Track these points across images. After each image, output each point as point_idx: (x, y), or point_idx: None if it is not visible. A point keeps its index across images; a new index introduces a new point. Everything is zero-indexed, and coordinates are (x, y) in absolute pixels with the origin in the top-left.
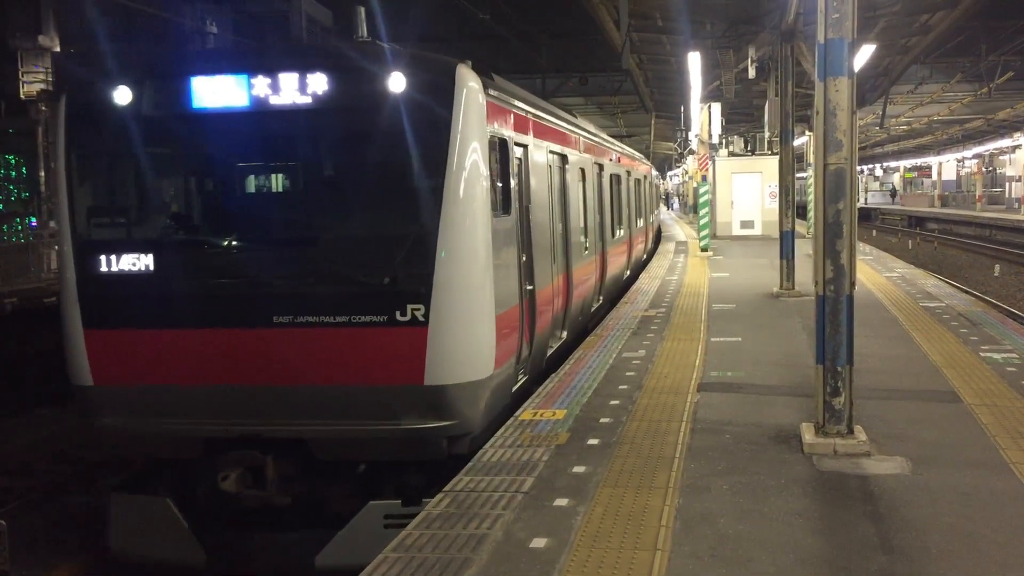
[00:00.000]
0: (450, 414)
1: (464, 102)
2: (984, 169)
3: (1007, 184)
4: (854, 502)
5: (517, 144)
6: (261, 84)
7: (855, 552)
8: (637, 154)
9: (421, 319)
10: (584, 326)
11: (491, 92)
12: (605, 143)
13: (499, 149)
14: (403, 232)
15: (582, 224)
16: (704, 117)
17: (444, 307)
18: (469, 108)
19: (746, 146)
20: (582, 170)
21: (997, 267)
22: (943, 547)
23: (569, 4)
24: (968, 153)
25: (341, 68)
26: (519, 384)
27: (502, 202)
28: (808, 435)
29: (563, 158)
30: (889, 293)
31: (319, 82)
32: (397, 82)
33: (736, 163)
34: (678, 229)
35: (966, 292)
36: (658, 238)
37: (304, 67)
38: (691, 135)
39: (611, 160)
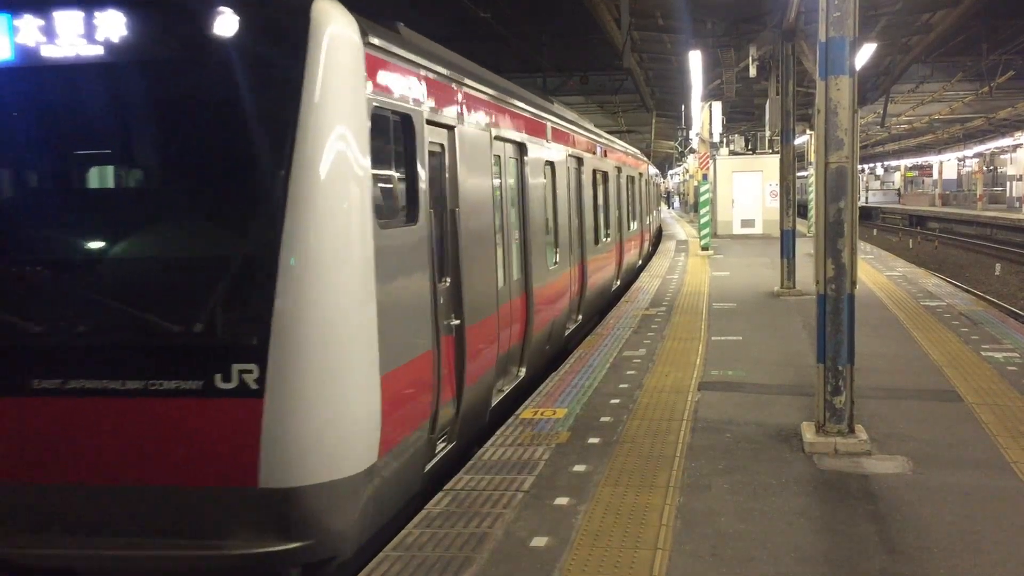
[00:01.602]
0: (302, 531)
1: (325, 54)
2: (985, 168)
3: (1008, 183)
4: (855, 501)
5: (436, 124)
6: (29, 27)
7: (856, 551)
8: (631, 149)
9: (253, 386)
10: (555, 353)
11: (376, 42)
12: (587, 134)
13: (398, 129)
14: (225, 252)
15: (551, 231)
16: (705, 116)
17: (291, 368)
18: (333, 64)
19: (747, 145)
20: (550, 164)
21: (998, 266)
22: (944, 546)
23: (570, 3)
24: (969, 152)
25: (146, 3)
26: (437, 458)
27: (404, 206)
28: (809, 434)
29: (520, 148)
30: (890, 292)
31: (113, 24)
32: (225, 24)
33: (737, 162)
34: (679, 228)
35: (967, 291)
36: (659, 238)
37: (92, 1)
38: (692, 134)
39: (595, 154)
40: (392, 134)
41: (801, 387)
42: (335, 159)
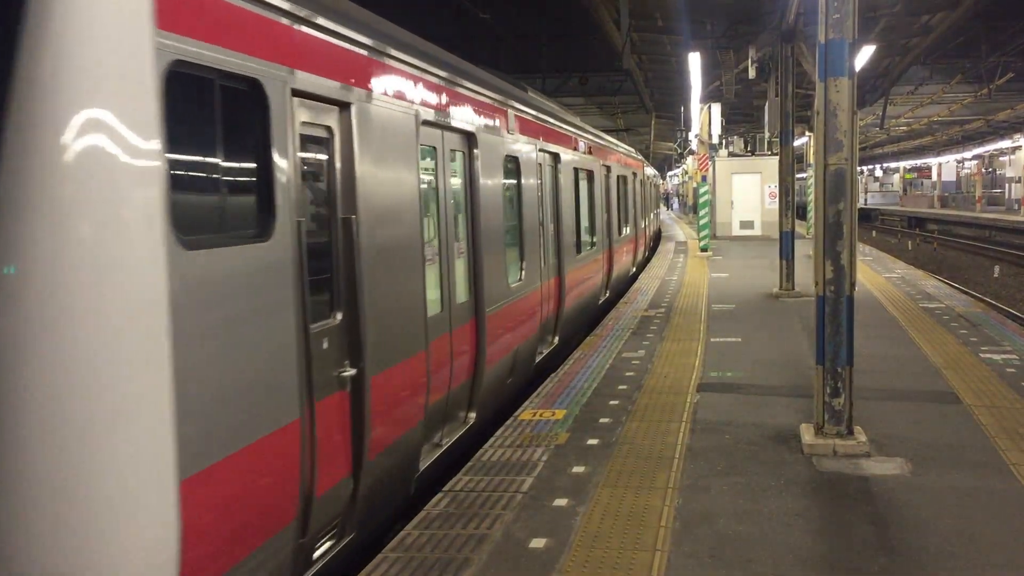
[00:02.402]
0: None
1: None
2: (984, 170)
3: (1007, 185)
4: (854, 503)
5: (316, 98)
6: None
7: (855, 553)
8: (624, 146)
9: None
10: (523, 384)
11: None
12: (566, 127)
13: (236, 100)
14: None
15: (515, 241)
16: (704, 117)
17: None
18: None
19: (746, 146)
20: (515, 161)
21: (997, 268)
22: (943, 548)
23: (569, 4)
24: (968, 154)
25: None
26: (316, 568)
27: (245, 214)
28: (808, 436)
29: (468, 139)
30: (889, 294)
31: None
32: None
33: (736, 163)
34: (678, 229)
35: (966, 293)
36: (658, 240)
37: None
38: (691, 135)
39: (577, 150)
40: (221, 105)
41: (800, 388)
42: (84, 138)
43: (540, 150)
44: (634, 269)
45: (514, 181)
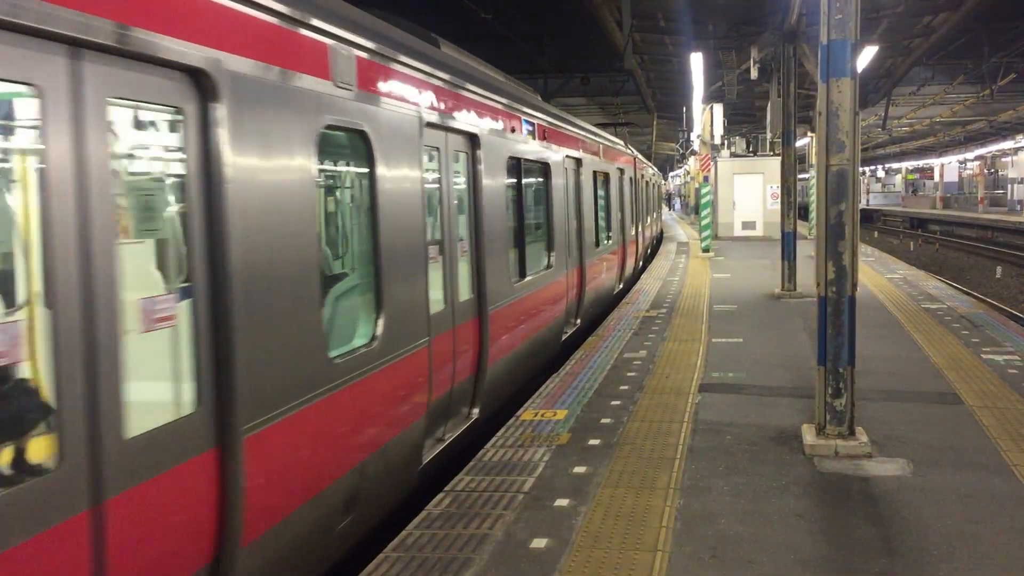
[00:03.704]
0: None
1: None
2: (986, 171)
3: (1009, 186)
4: (855, 503)
5: None
6: None
7: (856, 553)
8: (605, 135)
9: None
10: (405, 491)
11: None
12: (486, 96)
13: None
14: None
15: (385, 275)
16: (706, 118)
17: None
18: None
19: (748, 147)
20: (360, 136)
21: (999, 269)
22: (944, 549)
23: (571, 5)
24: (970, 155)
25: None
26: None
27: None
28: (809, 436)
29: (198, 90)
30: (891, 294)
31: None
32: None
33: (738, 164)
34: (680, 230)
35: (968, 294)
36: (659, 241)
37: None
38: (693, 136)
39: (515, 132)
40: None
41: (802, 389)
42: None
43: (432, 125)
44: (621, 285)
45: (364, 171)
